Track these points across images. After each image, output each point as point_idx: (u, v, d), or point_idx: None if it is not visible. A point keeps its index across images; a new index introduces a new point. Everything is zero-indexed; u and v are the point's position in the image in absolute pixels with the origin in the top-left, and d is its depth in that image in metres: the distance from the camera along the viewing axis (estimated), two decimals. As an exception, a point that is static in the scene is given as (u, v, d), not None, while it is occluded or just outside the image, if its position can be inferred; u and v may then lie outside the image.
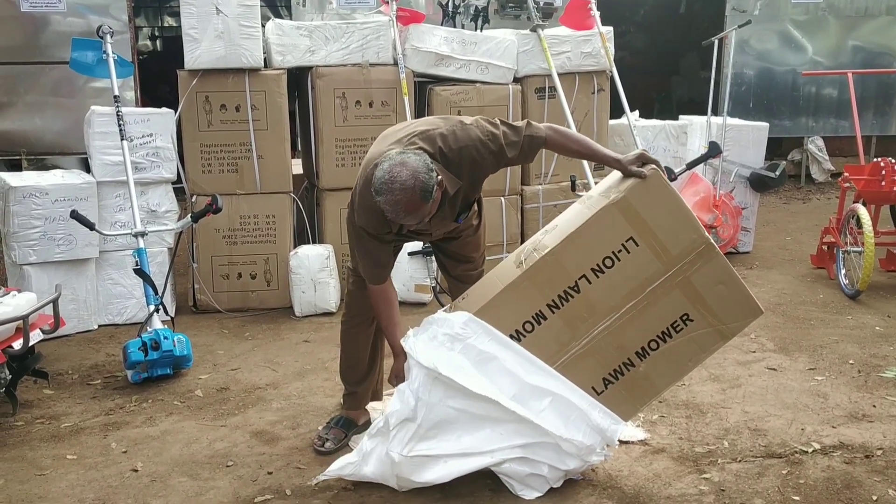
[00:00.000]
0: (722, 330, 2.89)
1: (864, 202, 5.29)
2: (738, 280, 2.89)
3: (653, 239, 2.80)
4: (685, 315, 2.86)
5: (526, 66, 5.64)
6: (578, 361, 2.90)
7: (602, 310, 2.86)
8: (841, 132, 8.96)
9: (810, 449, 3.27)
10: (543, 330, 2.87)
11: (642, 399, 3.00)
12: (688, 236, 2.81)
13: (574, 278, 2.83)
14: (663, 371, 2.93)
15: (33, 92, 6.70)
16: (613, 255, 2.81)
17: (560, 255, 2.83)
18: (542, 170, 5.75)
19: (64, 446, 3.44)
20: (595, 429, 2.91)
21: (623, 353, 2.91)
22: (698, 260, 2.82)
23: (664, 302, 2.85)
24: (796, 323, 4.82)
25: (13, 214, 4.58)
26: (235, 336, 4.80)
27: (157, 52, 12.48)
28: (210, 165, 5.13)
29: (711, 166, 6.13)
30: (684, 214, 2.84)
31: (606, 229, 2.80)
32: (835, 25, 8.84)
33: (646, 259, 2.81)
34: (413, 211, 2.77)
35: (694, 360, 2.95)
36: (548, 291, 2.85)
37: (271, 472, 3.19)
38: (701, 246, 2.82)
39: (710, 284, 2.84)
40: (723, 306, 2.86)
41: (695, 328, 2.87)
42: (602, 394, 2.94)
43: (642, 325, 2.87)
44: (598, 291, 2.84)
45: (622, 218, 2.79)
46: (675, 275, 2.83)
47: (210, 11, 4.90)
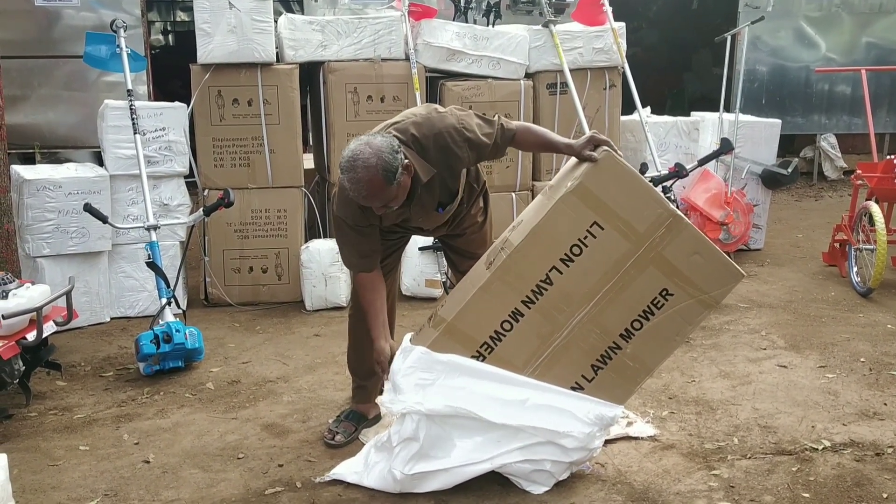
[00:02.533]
0: (704, 299, 2.85)
1: (876, 200, 5.27)
2: (713, 247, 2.85)
3: (617, 220, 2.77)
4: (664, 290, 2.82)
5: (538, 61, 5.64)
6: (563, 352, 2.88)
7: (578, 298, 2.83)
8: (854, 129, 8.92)
9: (820, 446, 3.26)
10: (522, 326, 2.85)
11: (634, 380, 2.96)
12: (652, 212, 2.77)
13: (544, 271, 2.80)
14: (651, 349, 2.90)
15: (47, 86, 6.73)
16: (580, 242, 2.78)
17: (526, 250, 2.80)
18: (553, 165, 5.74)
19: (76, 437, 3.47)
20: (592, 417, 2.90)
21: (607, 338, 2.88)
22: (668, 234, 2.78)
23: (640, 280, 2.81)
24: (807, 320, 4.81)
25: (27, 207, 4.61)
26: (246, 329, 4.83)
27: (170, 46, 12.52)
28: (222, 159, 5.15)
29: (723, 163, 6.11)
30: (645, 190, 2.80)
31: (568, 218, 2.77)
32: (848, 22, 8.79)
33: (613, 241, 2.78)
34: (375, 192, 2.77)
35: (681, 333, 2.92)
36: (520, 288, 2.82)
37: (282, 464, 3.21)
38: (668, 219, 2.78)
39: (684, 256, 2.80)
40: (701, 276, 2.82)
41: (676, 302, 2.83)
42: (593, 381, 2.92)
43: (622, 307, 2.84)
44: (571, 281, 2.81)
45: (582, 204, 2.76)
46: (647, 252, 2.79)
47: (223, 6, 4.92)
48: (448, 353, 2.87)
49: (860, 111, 8.24)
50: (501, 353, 2.87)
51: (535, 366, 2.89)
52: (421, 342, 2.92)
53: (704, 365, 4.15)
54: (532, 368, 2.90)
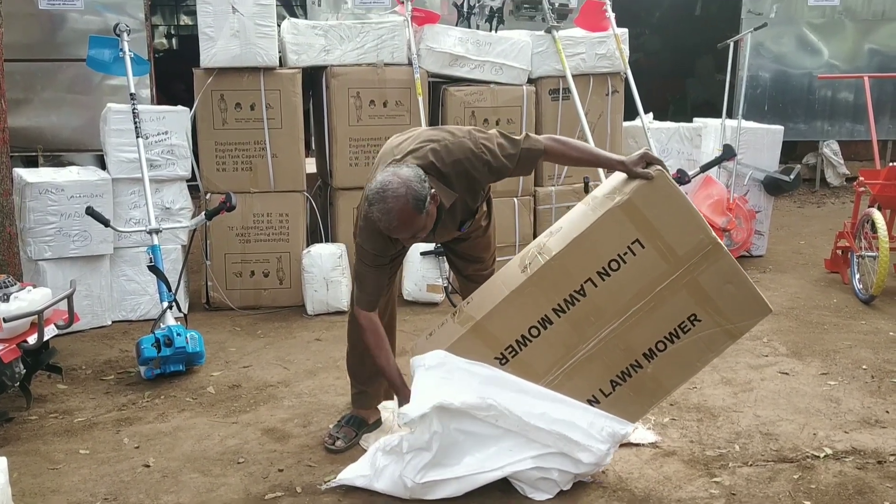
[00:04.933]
0: (730, 329, 2.87)
1: (879, 207, 5.26)
2: (746, 279, 2.87)
3: (659, 240, 2.78)
4: (693, 315, 2.84)
5: (540, 67, 5.64)
6: (585, 364, 2.89)
7: (609, 313, 2.84)
8: (857, 136, 8.92)
9: (822, 454, 3.25)
10: (550, 334, 2.85)
11: (650, 400, 2.98)
12: (694, 237, 2.79)
13: (580, 282, 2.81)
14: (671, 372, 2.92)
15: (50, 89, 6.75)
16: (619, 257, 2.79)
17: (565, 259, 2.81)
18: (556, 171, 5.74)
19: (77, 441, 3.47)
20: (605, 434, 2.91)
21: (630, 355, 2.89)
22: (705, 260, 2.80)
23: (671, 303, 2.83)
24: (809, 327, 4.80)
25: (29, 210, 4.62)
26: (248, 334, 4.82)
27: (173, 50, 12.56)
28: (224, 163, 5.15)
29: (726, 169, 6.11)
30: (690, 215, 2.81)
31: (612, 232, 2.78)
32: (851, 29, 8.80)
33: (652, 261, 2.79)
34: (406, 221, 2.75)
35: (702, 360, 2.94)
36: (553, 296, 2.83)
37: (282, 469, 3.20)
38: (708, 246, 2.80)
39: (717, 284, 2.82)
40: (731, 306, 2.84)
41: (703, 328, 2.85)
42: (609, 396, 2.93)
43: (649, 327, 2.86)
44: (604, 294, 2.82)
45: (627, 220, 2.77)
46: (682, 276, 2.81)
47: (226, 10, 4.93)
48: (472, 352, 2.87)
49: (863, 118, 8.24)
50: (525, 357, 2.87)
51: (556, 374, 2.90)
52: (443, 340, 2.93)
53: (706, 371, 4.12)
54: (552, 377, 2.90)
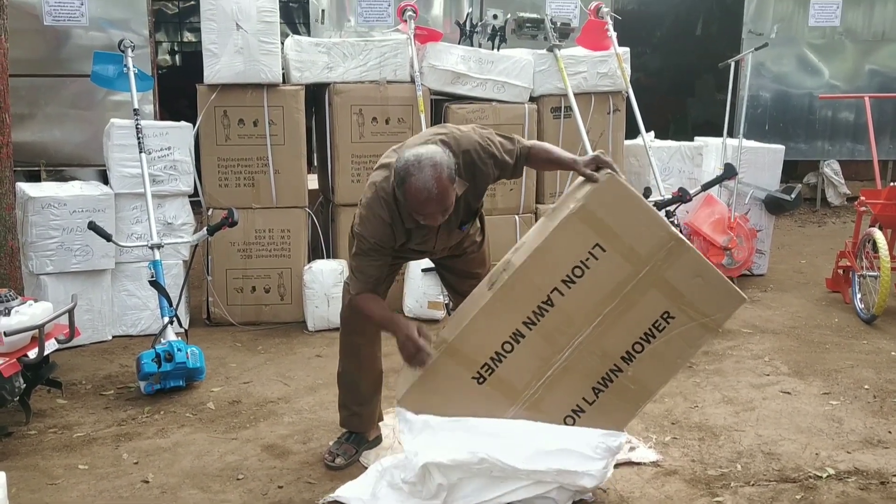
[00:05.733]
0: (706, 323, 2.83)
1: (880, 226, 5.26)
2: (715, 270, 2.84)
3: (619, 242, 2.76)
4: (665, 313, 2.81)
5: (542, 85, 5.66)
6: (564, 374, 2.86)
7: (579, 320, 2.81)
8: (857, 156, 8.94)
9: (825, 474, 3.24)
10: (523, 348, 2.83)
11: (635, 404, 2.94)
12: (654, 235, 2.77)
13: (546, 293, 2.79)
14: (653, 372, 2.88)
15: (54, 104, 6.77)
16: (582, 264, 2.77)
17: (528, 271, 2.79)
18: (557, 188, 5.75)
19: (76, 456, 3.46)
20: (600, 451, 2.88)
21: (608, 360, 2.86)
22: (669, 257, 2.77)
23: (642, 303, 2.80)
24: (811, 346, 4.79)
25: (31, 224, 4.62)
26: (248, 349, 4.82)
27: (176, 66, 12.61)
28: (227, 179, 5.16)
29: (727, 188, 6.12)
30: (647, 213, 2.80)
31: (571, 239, 2.77)
32: (851, 49, 8.84)
33: (615, 263, 2.77)
34: (443, 191, 2.74)
35: (682, 356, 2.90)
36: (522, 309, 2.81)
37: (282, 486, 3.19)
38: (670, 242, 2.77)
39: (686, 279, 2.79)
40: (703, 299, 2.81)
41: (678, 325, 2.82)
42: (594, 403, 2.89)
43: (623, 329, 2.83)
44: (572, 302, 2.79)
45: (584, 226, 2.75)
46: (648, 275, 2.78)
47: (230, 27, 4.96)
48: (449, 375, 2.84)
49: (863, 138, 8.26)
50: (502, 374, 2.85)
51: (536, 387, 2.87)
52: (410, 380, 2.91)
53: (707, 390, 4.13)
54: (532, 390, 2.88)
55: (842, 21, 8.74)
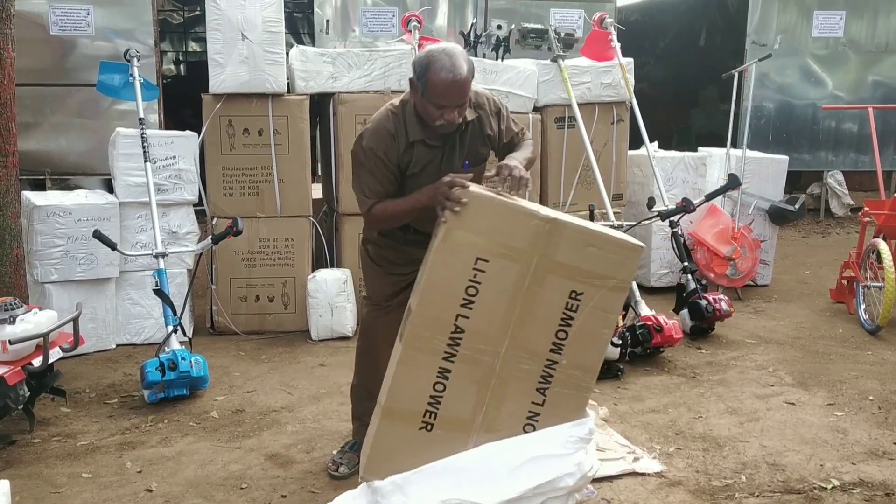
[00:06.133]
0: (614, 286, 2.78)
1: (884, 237, 5.26)
2: (603, 234, 2.78)
3: (496, 248, 2.72)
4: (572, 293, 2.76)
5: (546, 95, 5.68)
6: (504, 388, 2.81)
7: (494, 333, 2.77)
8: (861, 167, 8.94)
9: (829, 485, 3.23)
10: (455, 381, 2.78)
11: (585, 387, 2.88)
12: (527, 226, 2.71)
13: (451, 322, 2.74)
14: (586, 352, 2.83)
15: (59, 113, 6.81)
16: (472, 282, 2.72)
17: (426, 310, 2.76)
18: (561, 199, 5.76)
19: (79, 464, 3.46)
20: (571, 444, 2.81)
21: (539, 358, 2.81)
22: (551, 240, 2.72)
23: (545, 293, 2.75)
24: (815, 357, 4.78)
25: (36, 233, 4.64)
26: (252, 358, 4.82)
27: (181, 76, 12.66)
28: (231, 188, 5.18)
29: (730, 198, 6.12)
30: (510, 208, 2.74)
31: (450, 266, 2.73)
32: (855, 60, 8.86)
33: (503, 268, 2.72)
34: (465, 81, 2.83)
35: (608, 325, 2.85)
36: (436, 347, 2.76)
37: (285, 495, 3.19)
38: (546, 227, 2.72)
39: (577, 253, 2.74)
40: (602, 265, 2.76)
41: (589, 299, 2.77)
42: (545, 403, 2.84)
43: (540, 324, 2.78)
44: (480, 321, 2.75)
45: (457, 248, 2.72)
46: (540, 264, 2.73)
47: (235, 37, 4.98)
48: (396, 436, 2.80)
49: (867, 148, 8.27)
50: (445, 414, 2.80)
51: (484, 411, 2.82)
52: (369, 437, 2.88)
53: (711, 401, 4.12)
54: (482, 415, 2.82)
55: (845, 32, 8.76)
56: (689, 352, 4.86)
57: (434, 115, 2.91)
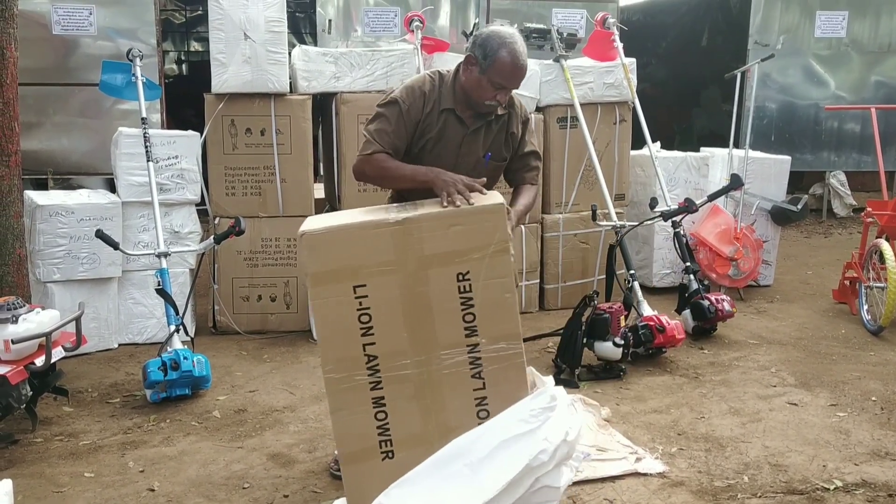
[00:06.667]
0: (495, 251, 2.73)
1: (887, 237, 5.25)
2: (461, 209, 2.74)
3: (367, 268, 2.70)
4: (459, 275, 2.73)
5: (549, 95, 5.68)
6: (440, 390, 2.79)
7: (406, 346, 2.75)
8: (863, 167, 8.93)
9: (832, 486, 3.23)
10: (392, 405, 2.77)
11: (516, 354, 2.82)
12: (382, 237, 2.69)
13: (360, 355, 2.74)
14: (501, 322, 2.78)
15: (62, 113, 6.81)
16: (360, 310, 2.71)
17: (331, 355, 2.76)
18: (563, 199, 5.76)
19: (82, 464, 3.46)
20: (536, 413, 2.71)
21: (460, 348, 2.77)
22: (410, 237, 2.70)
23: (433, 288, 2.72)
24: (818, 358, 4.78)
25: (39, 232, 4.64)
26: (254, 358, 4.82)
27: (183, 76, 12.66)
28: (234, 188, 5.18)
29: (733, 199, 6.11)
30: (361, 228, 2.72)
31: (331, 305, 2.72)
32: (857, 61, 8.85)
33: (383, 285, 2.71)
34: (525, 70, 3.01)
35: (507, 288, 2.79)
36: (358, 384, 2.75)
37: (287, 495, 3.19)
38: (398, 229, 2.70)
39: (444, 238, 2.71)
40: (474, 236, 2.72)
41: (477, 273, 2.73)
42: (487, 388, 2.80)
43: (443, 318, 2.74)
44: (387, 340, 2.74)
45: (328, 286, 2.70)
46: (413, 265, 2.71)
47: (238, 37, 4.98)
48: (364, 476, 2.79)
49: (869, 149, 8.27)
50: (399, 436, 2.79)
51: (431, 420, 2.80)
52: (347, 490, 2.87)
53: (714, 401, 4.12)
54: (433, 423, 2.81)
55: (848, 32, 8.75)
56: (691, 352, 4.86)
57: (488, 94, 3.00)
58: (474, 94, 3.02)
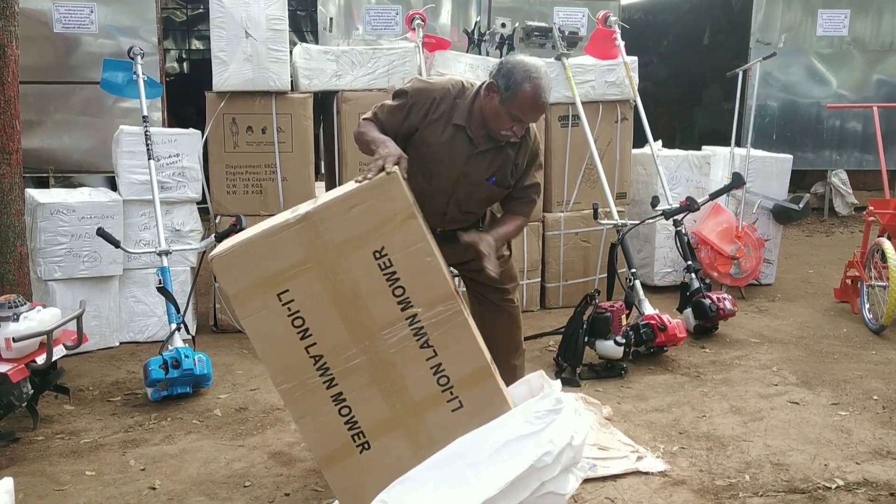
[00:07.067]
0: (404, 217, 2.70)
1: (889, 236, 5.25)
2: (355, 189, 2.71)
3: (283, 273, 2.68)
4: (375, 253, 2.69)
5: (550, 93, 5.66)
6: (395, 369, 2.75)
7: (347, 338, 2.73)
8: (865, 166, 8.93)
9: (834, 485, 3.22)
10: (352, 396, 2.76)
11: (457, 313, 2.77)
12: (289, 237, 2.67)
13: (305, 357, 2.72)
14: (429, 286, 2.74)
15: (63, 111, 6.81)
16: (291, 316, 2.69)
17: (278, 367, 2.76)
18: (565, 197, 5.76)
19: (83, 462, 3.46)
20: (540, 416, 2.72)
21: (400, 323, 2.73)
22: (316, 231, 2.68)
23: (354, 273, 2.69)
24: (819, 357, 4.77)
25: (40, 230, 4.64)
26: (255, 356, 4.80)
27: (184, 74, 12.65)
28: (235, 186, 5.18)
29: (734, 197, 6.11)
30: (264, 236, 2.70)
31: (261, 319, 2.71)
32: (859, 59, 8.84)
33: (303, 284, 2.69)
34: (546, 107, 3.02)
35: (426, 253, 2.74)
36: (313, 386, 2.74)
37: (288, 493, 3.19)
38: (300, 228, 2.68)
39: (348, 222, 2.69)
40: (377, 213, 2.69)
41: (391, 245, 2.70)
42: (438, 354, 2.76)
43: (374, 299, 2.71)
44: (327, 338, 2.72)
45: (249, 301, 2.70)
46: (327, 259, 2.68)
47: (239, 35, 4.98)
48: (348, 472, 2.79)
49: (871, 148, 8.25)
50: (368, 425, 2.78)
51: (395, 401, 2.78)
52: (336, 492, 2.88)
53: (715, 400, 4.11)
54: (398, 403, 2.78)
55: (850, 31, 8.74)
56: (692, 351, 4.86)
57: (505, 125, 2.95)
58: (491, 121, 2.99)
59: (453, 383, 2.78)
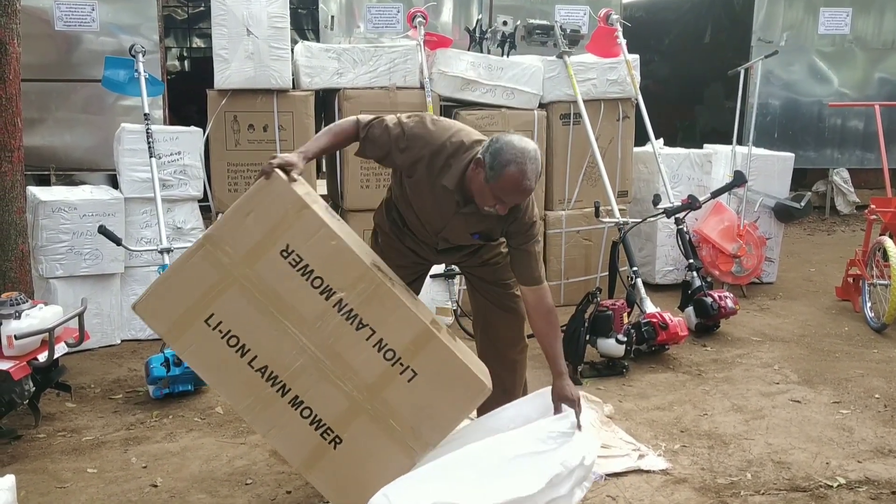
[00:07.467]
0: (295, 211, 2.70)
1: (890, 235, 5.24)
2: (244, 200, 2.72)
3: (204, 298, 2.69)
4: (282, 253, 2.70)
5: (552, 92, 5.67)
6: (339, 358, 2.75)
7: (285, 342, 2.73)
8: (867, 164, 8.92)
9: (835, 483, 3.22)
10: (308, 397, 2.76)
11: (378, 283, 2.77)
12: (198, 262, 2.69)
13: (252, 375, 2.73)
14: (342, 269, 2.74)
15: (64, 109, 6.80)
16: (225, 336, 2.71)
17: (230, 390, 2.80)
18: (566, 195, 5.75)
19: (85, 460, 3.46)
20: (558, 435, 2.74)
21: (327, 312, 2.74)
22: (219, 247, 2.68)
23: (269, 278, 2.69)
24: (821, 355, 4.77)
25: (42, 228, 4.64)
26: (256, 354, 4.81)
27: (185, 72, 12.63)
28: (236, 184, 5.18)
29: (736, 196, 6.10)
30: (176, 268, 2.74)
31: (198, 347, 2.72)
32: (861, 57, 8.83)
33: (226, 302, 2.70)
34: (530, 192, 2.83)
35: (331, 237, 2.74)
36: (268, 397, 2.75)
37: (290, 491, 3.19)
38: (209, 245, 2.69)
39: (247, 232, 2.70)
40: (270, 211, 2.69)
41: (294, 241, 2.70)
42: (377, 329, 2.75)
43: (296, 297, 2.71)
44: (265, 348, 2.73)
45: (183, 334, 2.71)
46: (241, 270, 2.69)
47: (241, 33, 4.98)
48: (330, 468, 2.79)
49: (873, 146, 8.24)
50: (331, 419, 2.78)
51: (349, 388, 2.77)
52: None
53: (717, 398, 4.11)
54: (352, 390, 2.77)
55: (852, 29, 8.73)
56: (694, 349, 4.86)
57: (489, 202, 2.86)
58: (476, 196, 2.89)
59: (400, 354, 2.77)
